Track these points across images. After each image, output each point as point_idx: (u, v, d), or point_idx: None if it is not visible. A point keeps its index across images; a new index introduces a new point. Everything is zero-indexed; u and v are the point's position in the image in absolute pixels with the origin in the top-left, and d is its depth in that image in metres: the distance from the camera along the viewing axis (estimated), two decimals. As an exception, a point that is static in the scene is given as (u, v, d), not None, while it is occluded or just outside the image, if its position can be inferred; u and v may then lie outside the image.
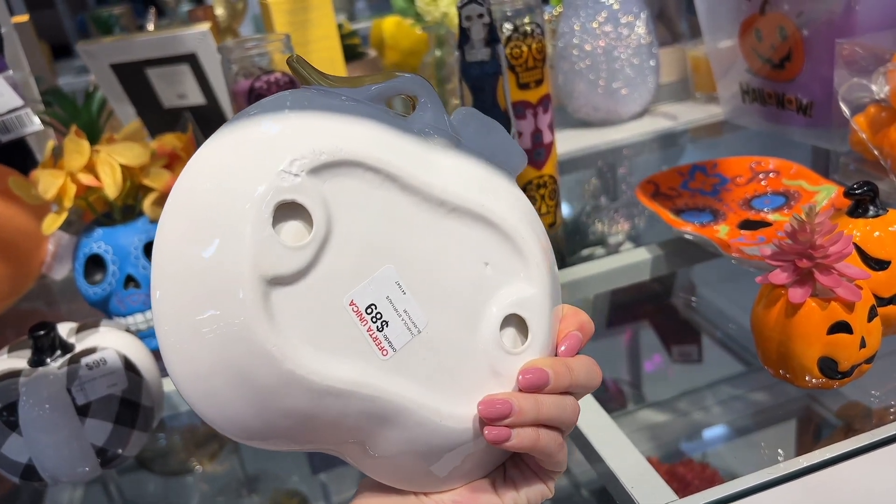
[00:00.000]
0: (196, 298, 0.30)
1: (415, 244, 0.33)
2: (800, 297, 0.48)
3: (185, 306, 0.30)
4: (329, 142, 0.32)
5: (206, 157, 0.32)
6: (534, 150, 0.76)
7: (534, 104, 0.74)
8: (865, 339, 0.49)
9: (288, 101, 0.32)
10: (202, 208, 0.30)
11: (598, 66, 1.05)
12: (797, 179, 0.75)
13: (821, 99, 0.86)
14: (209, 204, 0.30)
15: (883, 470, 0.45)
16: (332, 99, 0.33)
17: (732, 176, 0.79)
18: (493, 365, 0.34)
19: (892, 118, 0.72)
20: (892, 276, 0.51)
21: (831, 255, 0.48)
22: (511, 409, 0.33)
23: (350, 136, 0.32)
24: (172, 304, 0.30)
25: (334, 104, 0.33)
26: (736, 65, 0.98)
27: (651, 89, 1.09)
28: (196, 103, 1.02)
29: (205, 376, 0.30)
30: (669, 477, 0.74)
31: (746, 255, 0.63)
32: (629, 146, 1.07)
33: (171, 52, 0.97)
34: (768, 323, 0.50)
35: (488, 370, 0.34)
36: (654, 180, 0.79)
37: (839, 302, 0.48)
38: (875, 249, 0.51)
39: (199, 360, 0.30)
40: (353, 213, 0.32)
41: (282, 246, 0.30)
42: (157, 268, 0.31)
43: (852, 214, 0.53)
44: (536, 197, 0.78)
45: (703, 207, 0.76)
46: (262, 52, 0.69)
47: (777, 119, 0.94)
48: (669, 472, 0.75)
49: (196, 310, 0.30)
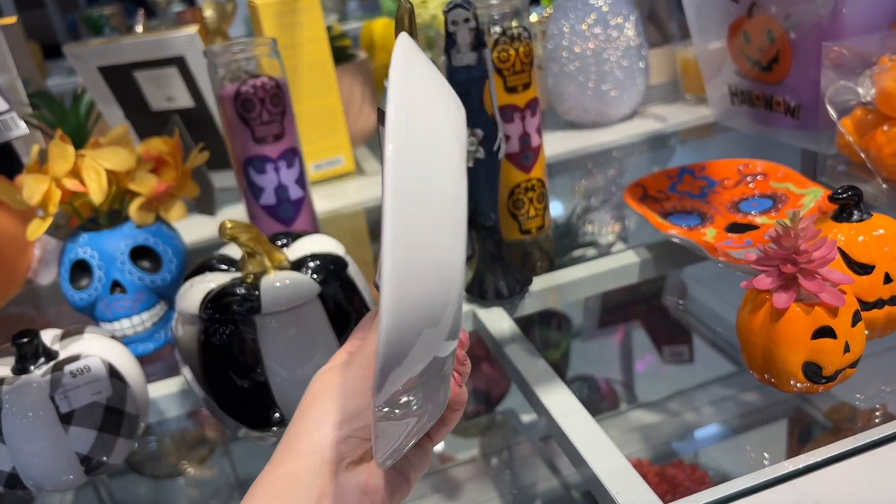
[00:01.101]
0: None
1: None
2: (784, 303, 0.48)
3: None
4: None
5: None
6: (522, 154, 0.76)
7: (521, 108, 0.74)
8: (849, 344, 0.49)
9: None
10: None
11: (588, 68, 1.05)
12: (785, 182, 0.75)
13: (808, 101, 0.87)
14: None
15: (870, 473, 0.46)
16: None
17: (720, 179, 0.79)
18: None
19: (878, 121, 0.72)
20: (875, 281, 0.51)
21: (815, 261, 0.48)
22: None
23: None
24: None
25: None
26: (725, 67, 0.98)
27: (640, 91, 1.09)
28: (184, 106, 1.02)
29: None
30: (660, 478, 0.75)
31: (733, 258, 0.63)
32: (619, 148, 1.07)
33: (158, 54, 0.97)
34: (753, 328, 0.50)
35: None
36: (642, 183, 0.79)
37: (823, 307, 0.48)
38: (859, 254, 0.52)
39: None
40: None
41: None
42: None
43: (837, 219, 0.54)
44: (525, 200, 0.78)
45: (690, 210, 0.76)
46: (248, 56, 0.69)
47: (766, 121, 0.94)
48: (660, 474, 0.75)
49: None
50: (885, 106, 0.70)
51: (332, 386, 0.39)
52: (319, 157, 1.08)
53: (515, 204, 0.78)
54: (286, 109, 0.71)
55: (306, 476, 0.37)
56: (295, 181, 0.72)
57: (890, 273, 0.52)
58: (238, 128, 0.70)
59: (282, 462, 0.38)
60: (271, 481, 0.37)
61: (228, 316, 0.51)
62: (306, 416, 0.39)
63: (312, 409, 0.39)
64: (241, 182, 0.73)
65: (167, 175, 0.71)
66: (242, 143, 0.70)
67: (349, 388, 0.38)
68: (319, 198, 1.04)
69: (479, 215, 0.67)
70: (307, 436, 0.38)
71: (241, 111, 0.69)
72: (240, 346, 0.51)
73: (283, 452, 0.38)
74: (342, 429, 0.38)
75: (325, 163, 1.08)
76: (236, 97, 0.68)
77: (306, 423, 0.39)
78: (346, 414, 0.38)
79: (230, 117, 0.70)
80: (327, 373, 0.41)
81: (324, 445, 0.37)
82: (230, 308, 0.51)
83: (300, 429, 0.39)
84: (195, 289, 0.53)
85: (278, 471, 0.38)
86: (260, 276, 0.53)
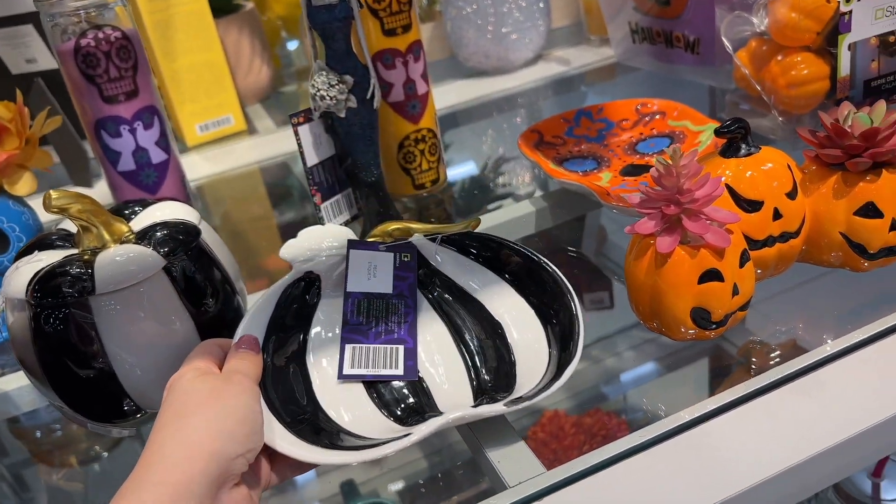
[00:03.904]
0: None
1: None
2: (667, 247, 0.45)
3: None
4: None
5: None
6: (408, 103, 0.70)
7: (403, 52, 0.68)
8: (738, 286, 0.46)
9: None
10: None
11: (486, 11, 1.00)
12: (682, 120, 0.72)
13: (707, 35, 0.84)
14: None
15: (766, 417, 0.43)
16: None
17: (618, 120, 0.76)
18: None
19: (773, 51, 0.70)
20: (764, 218, 0.49)
21: (699, 200, 0.45)
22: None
23: None
24: None
25: None
26: (626, 4, 0.94)
27: (542, 33, 1.04)
28: (48, 68, 0.93)
29: None
30: (576, 429, 0.72)
31: (626, 202, 0.60)
32: (522, 94, 1.03)
33: (9, 11, 0.87)
34: (639, 275, 0.47)
35: None
36: (537, 129, 0.75)
37: (709, 249, 0.45)
38: (747, 190, 0.49)
39: None
40: None
41: None
42: None
43: (724, 154, 0.50)
44: (415, 152, 0.73)
45: (587, 155, 0.72)
46: (87, 5, 0.61)
47: (667, 58, 0.91)
48: (576, 424, 0.73)
49: None
50: (779, 35, 0.68)
51: (222, 396, 0.38)
52: (205, 117, 1.00)
53: (406, 157, 0.73)
54: (138, 64, 0.63)
55: (189, 491, 0.33)
56: (155, 143, 0.65)
57: (779, 209, 0.49)
58: (84, 87, 0.62)
59: (159, 470, 0.34)
60: (148, 489, 0.33)
61: (59, 299, 0.45)
62: (191, 424, 0.36)
63: (198, 417, 0.36)
64: (95, 148, 0.66)
65: (9, 144, 0.63)
66: (91, 104, 0.63)
67: (241, 412, 0.38)
68: (204, 161, 0.96)
69: (359, 171, 0.61)
70: (196, 446, 0.35)
71: (83, 68, 0.61)
72: (76, 332, 0.45)
73: (161, 457, 0.34)
74: (236, 446, 0.36)
75: (212, 123, 1.01)
76: (76, 52, 0.61)
77: (192, 430, 0.36)
78: (239, 434, 0.37)
79: (73, 76, 0.62)
80: (211, 378, 0.39)
81: (216, 459, 0.35)
82: (60, 290, 0.45)
83: (185, 435, 0.35)
84: (22, 270, 0.46)
85: (153, 479, 0.34)
86: (98, 251, 0.47)
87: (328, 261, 0.51)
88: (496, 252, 0.52)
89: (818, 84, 0.67)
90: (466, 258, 0.52)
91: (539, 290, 0.50)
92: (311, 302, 0.50)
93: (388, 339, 0.48)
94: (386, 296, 0.49)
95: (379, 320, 0.49)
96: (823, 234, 0.50)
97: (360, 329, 0.48)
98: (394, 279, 0.50)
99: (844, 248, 0.50)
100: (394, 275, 0.50)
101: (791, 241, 0.50)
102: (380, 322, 0.49)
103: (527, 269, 0.50)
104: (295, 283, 0.50)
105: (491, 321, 0.50)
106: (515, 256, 0.51)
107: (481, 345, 0.49)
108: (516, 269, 0.51)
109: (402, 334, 0.48)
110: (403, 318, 0.49)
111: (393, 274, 0.50)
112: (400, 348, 0.48)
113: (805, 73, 0.66)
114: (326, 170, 0.61)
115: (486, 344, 0.49)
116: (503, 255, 0.52)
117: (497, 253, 0.52)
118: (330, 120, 0.60)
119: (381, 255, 0.50)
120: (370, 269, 0.50)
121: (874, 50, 0.67)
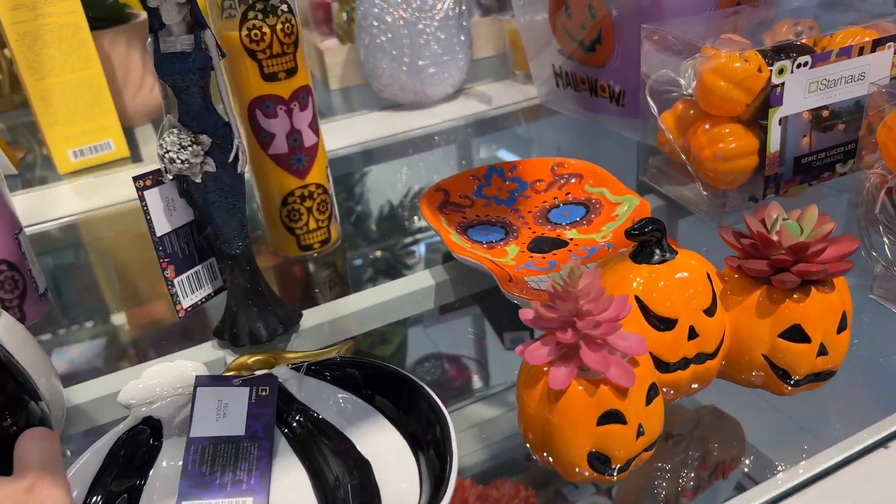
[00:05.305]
0: None
1: None
2: (561, 383, 0.37)
3: None
4: None
5: None
6: (292, 156, 0.61)
7: (286, 99, 0.59)
8: (643, 426, 0.39)
9: None
10: None
11: (401, 41, 0.92)
12: (599, 187, 0.66)
13: (633, 88, 0.77)
14: None
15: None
16: None
17: (532, 180, 0.68)
18: None
19: (700, 117, 0.64)
20: (678, 337, 0.42)
21: (601, 325, 0.38)
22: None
23: None
24: None
25: None
26: (550, 45, 0.87)
27: (463, 68, 0.97)
28: None
29: None
30: (481, 502, 0.65)
31: (528, 289, 0.52)
32: (441, 133, 0.95)
33: None
34: (530, 404, 0.40)
35: None
36: (443, 187, 0.67)
37: (610, 386, 0.37)
38: (659, 305, 0.42)
39: None
40: None
41: None
42: None
43: (635, 259, 0.43)
44: (302, 210, 0.64)
45: (495, 221, 0.65)
46: None
47: (592, 107, 0.85)
48: (482, 497, 0.65)
49: None
50: (706, 104, 0.61)
51: None
52: (80, 143, 0.89)
53: (290, 215, 0.64)
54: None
55: None
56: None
57: (696, 327, 0.42)
58: None
59: None
60: None
61: None
62: None
63: None
64: None
65: None
66: None
67: None
68: (75, 195, 0.85)
69: (221, 242, 0.52)
70: None
71: None
72: None
73: None
74: None
75: (88, 148, 0.89)
76: None
77: None
78: None
79: None
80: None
81: None
82: None
83: None
84: None
85: None
86: None
87: (177, 401, 0.43)
88: (368, 378, 0.45)
89: (747, 160, 0.61)
90: (334, 387, 0.44)
91: (413, 418, 0.42)
92: (153, 450, 0.42)
93: (234, 490, 0.40)
94: (237, 439, 0.41)
95: (226, 469, 0.40)
96: (744, 353, 0.44)
97: (203, 481, 0.40)
98: (248, 418, 0.42)
99: (767, 370, 0.44)
100: (248, 413, 0.42)
101: (707, 362, 0.43)
102: (226, 471, 0.40)
103: (399, 394, 0.43)
104: (132, 431, 0.42)
105: (358, 459, 0.42)
106: (389, 381, 0.44)
107: (344, 490, 0.41)
108: (389, 394, 0.43)
109: (251, 484, 0.40)
110: (255, 465, 0.41)
111: (247, 412, 0.42)
112: (248, 501, 0.40)
113: (733, 146, 0.60)
114: (182, 238, 0.52)
115: (351, 486, 0.41)
116: (375, 380, 0.45)
117: (369, 379, 0.45)
118: (185, 184, 0.50)
119: (235, 390, 0.42)
120: (220, 409, 0.42)
121: (806, 125, 0.62)
